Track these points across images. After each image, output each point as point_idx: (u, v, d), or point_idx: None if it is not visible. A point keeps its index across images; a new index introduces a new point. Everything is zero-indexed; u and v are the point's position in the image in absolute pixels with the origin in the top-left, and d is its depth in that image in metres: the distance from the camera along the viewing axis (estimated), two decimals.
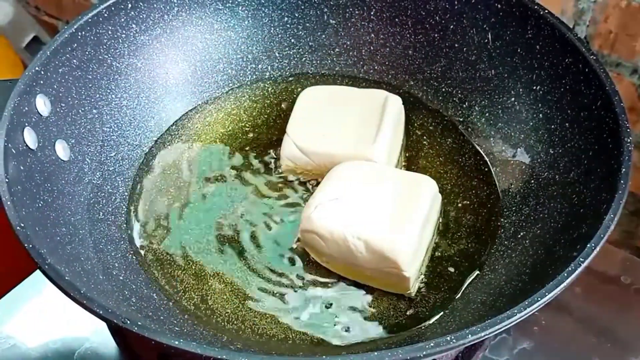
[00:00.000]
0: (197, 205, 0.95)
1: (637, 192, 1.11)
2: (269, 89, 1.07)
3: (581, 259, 0.69)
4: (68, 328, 0.94)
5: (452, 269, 0.87)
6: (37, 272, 0.96)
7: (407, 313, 0.84)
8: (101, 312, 0.65)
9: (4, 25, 1.77)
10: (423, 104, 1.04)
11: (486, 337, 0.64)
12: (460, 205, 0.93)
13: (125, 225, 0.92)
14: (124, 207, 0.93)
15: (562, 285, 0.67)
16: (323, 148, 0.94)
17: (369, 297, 0.85)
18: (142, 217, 0.93)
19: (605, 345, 0.93)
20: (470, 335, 0.63)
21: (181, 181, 0.97)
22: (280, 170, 0.97)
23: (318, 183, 0.93)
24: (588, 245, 0.70)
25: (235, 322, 0.83)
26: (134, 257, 0.88)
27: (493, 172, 0.96)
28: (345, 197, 0.86)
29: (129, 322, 0.64)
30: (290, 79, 1.09)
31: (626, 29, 0.99)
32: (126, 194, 0.95)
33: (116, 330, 0.90)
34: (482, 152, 0.98)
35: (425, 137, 1.01)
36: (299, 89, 1.06)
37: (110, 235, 0.89)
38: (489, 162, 0.97)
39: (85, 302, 0.66)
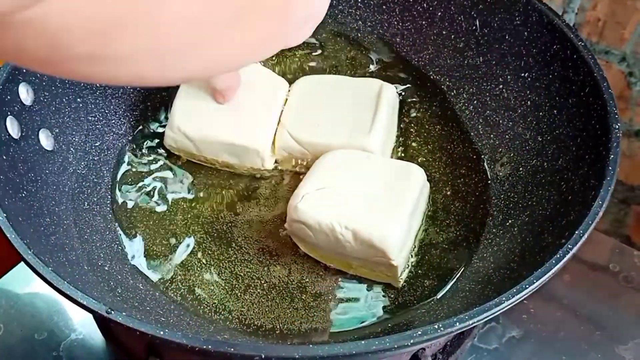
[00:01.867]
0: (185, 195, 0.94)
1: (626, 180, 1.11)
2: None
3: (569, 246, 0.69)
4: (54, 319, 0.93)
5: (440, 257, 0.87)
6: (22, 263, 0.95)
7: (396, 302, 0.83)
8: (85, 303, 0.64)
9: None
10: (411, 91, 1.04)
11: (474, 325, 0.64)
12: (448, 192, 0.93)
13: (110, 216, 0.91)
14: (109, 196, 0.92)
15: (550, 273, 0.67)
16: (318, 138, 0.93)
17: (357, 286, 0.85)
18: (128, 207, 0.92)
19: (594, 333, 0.93)
20: (458, 324, 0.63)
21: (168, 169, 0.96)
22: (273, 160, 0.96)
23: None
24: (576, 232, 0.70)
25: (222, 313, 0.83)
26: (119, 247, 0.88)
27: (481, 160, 0.95)
28: (332, 186, 0.86)
29: (113, 312, 0.63)
30: (274, 63, 1.08)
31: (615, 17, 0.99)
32: (111, 183, 0.94)
33: (102, 322, 0.89)
34: (470, 140, 0.97)
35: (413, 125, 1.00)
36: (289, 77, 1.06)
37: (95, 225, 0.88)
38: (477, 150, 0.96)
39: (69, 292, 0.65)
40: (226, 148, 0.93)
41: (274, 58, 1.08)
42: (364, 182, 0.86)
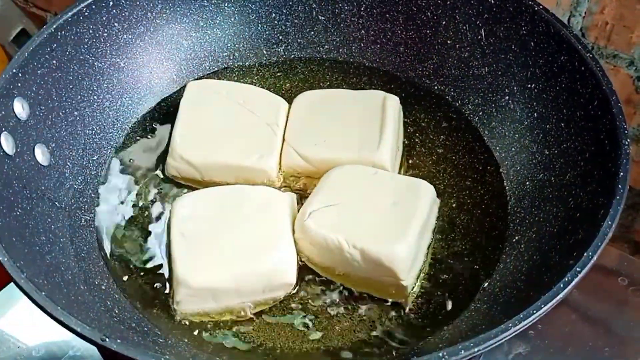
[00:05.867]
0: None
1: (635, 185, 1.09)
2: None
3: (578, 269, 0.67)
4: (52, 335, 0.92)
5: (446, 273, 0.85)
6: None
7: (400, 320, 0.81)
8: (79, 330, 0.63)
9: None
10: (415, 101, 1.02)
11: (479, 352, 0.62)
12: (454, 205, 0.91)
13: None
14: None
15: (558, 297, 0.65)
16: (326, 154, 0.91)
17: (363, 305, 0.83)
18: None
19: (603, 349, 0.91)
20: (463, 351, 0.62)
21: (167, 184, 0.95)
22: (281, 179, 0.94)
23: None
24: (585, 254, 0.68)
25: (222, 330, 0.81)
26: (117, 264, 0.86)
27: (486, 172, 0.94)
28: (340, 203, 0.84)
29: (108, 340, 0.62)
30: (279, 74, 1.06)
31: (623, 20, 0.97)
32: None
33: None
34: (475, 151, 0.96)
35: (417, 135, 0.99)
36: (287, 84, 1.04)
37: (92, 242, 0.86)
38: (482, 162, 0.95)
39: (62, 319, 0.64)
40: (232, 171, 0.91)
41: (278, 73, 1.06)
42: (373, 199, 0.84)
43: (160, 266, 0.86)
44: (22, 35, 1.77)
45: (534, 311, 0.64)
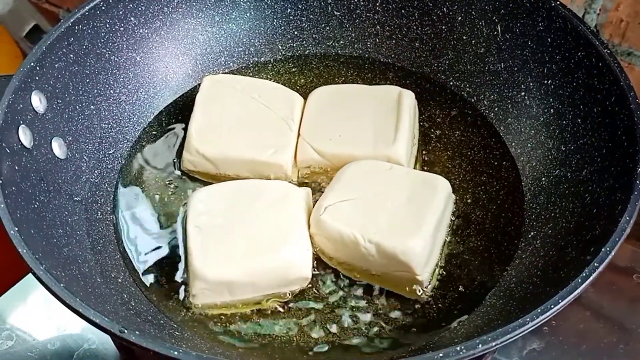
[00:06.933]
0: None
1: None
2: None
3: (595, 264, 0.67)
4: (67, 328, 0.92)
5: (461, 269, 0.85)
6: None
7: (416, 315, 0.81)
8: (98, 321, 0.63)
9: (4, 13, 1.75)
10: (431, 96, 1.02)
11: (497, 346, 0.62)
12: (469, 200, 0.91)
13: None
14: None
15: (575, 292, 0.65)
16: (341, 149, 0.92)
17: (380, 299, 0.83)
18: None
19: (617, 347, 0.90)
20: (480, 345, 0.61)
21: (183, 178, 0.95)
22: (296, 173, 0.94)
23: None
24: (602, 249, 0.68)
25: (237, 323, 0.81)
26: (132, 257, 0.86)
27: (502, 167, 0.93)
28: (355, 198, 0.84)
29: (126, 331, 0.62)
30: (294, 69, 1.07)
31: (638, 18, 0.97)
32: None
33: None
34: (491, 147, 0.96)
35: (432, 130, 0.99)
36: (302, 80, 1.04)
37: (108, 235, 0.87)
38: (498, 157, 0.94)
39: (81, 310, 0.64)
40: (248, 165, 0.91)
41: (293, 68, 1.06)
42: (388, 194, 0.84)
43: (176, 259, 0.86)
44: (35, 31, 1.78)
45: (552, 306, 0.64)
